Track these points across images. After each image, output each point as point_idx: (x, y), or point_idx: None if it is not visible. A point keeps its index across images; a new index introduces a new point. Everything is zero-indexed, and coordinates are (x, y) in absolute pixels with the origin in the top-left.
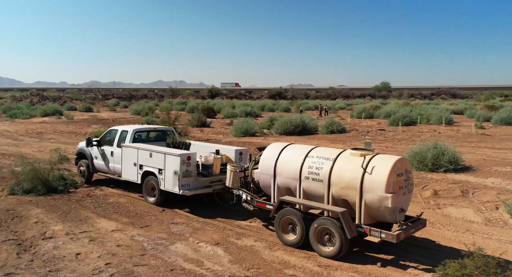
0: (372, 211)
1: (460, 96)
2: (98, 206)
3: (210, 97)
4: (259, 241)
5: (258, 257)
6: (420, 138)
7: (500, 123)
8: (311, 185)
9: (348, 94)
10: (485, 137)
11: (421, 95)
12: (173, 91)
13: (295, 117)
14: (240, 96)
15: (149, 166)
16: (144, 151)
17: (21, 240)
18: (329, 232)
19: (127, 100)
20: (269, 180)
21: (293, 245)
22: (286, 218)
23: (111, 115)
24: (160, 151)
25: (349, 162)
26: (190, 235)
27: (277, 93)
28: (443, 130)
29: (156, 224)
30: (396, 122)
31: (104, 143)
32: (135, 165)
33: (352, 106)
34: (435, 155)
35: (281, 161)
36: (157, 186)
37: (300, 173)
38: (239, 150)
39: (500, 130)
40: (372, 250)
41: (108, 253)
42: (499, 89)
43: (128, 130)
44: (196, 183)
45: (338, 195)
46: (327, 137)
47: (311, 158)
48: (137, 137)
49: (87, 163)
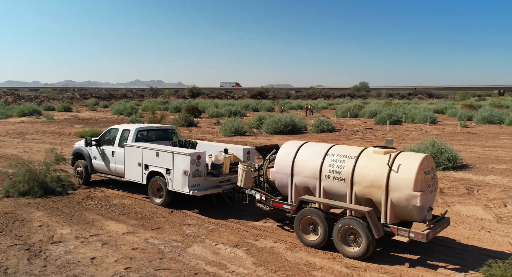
0: (398, 210)
1: (436, 96)
2: (102, 208)
3: (191, 96)
4: (278, 242)
5: (281, 259)
6: (409, 136)
7: (482, 122)
8: (332, 184)
9: (328, 94)
10: (471, 135)
11: (399, 95)
12: (153, 90)
13: (284, 116)
14: (221, 96)
15: (156, 166)
16: (150, 150)
17: (29, 244)
18: (354, 232)
19: (106, 99)
20: (286, 179)
21: (315, 246)
22: (307, 218)
23: (92, 115)
24: (168, 151)
25: (372, 160)
26: (205, 237)
27: (259, 93)
28: (429, 129)
29: (168, 226)
30: (382, 121)
31: (103, 143)
32: (139, 165)
33: (333, 105)
34: (434, 153)
35: (299, 160)
36: (164, 187)
37: (320, 172)
38: (247, 149)
39: (483, 129)
40: (395, 250)
41: (125, 257)
42: (471, 90)
43: (130, 129)
44: (206, 183)
45: (362, 194)
46: (318, 136)
47: (331, 157)
48: (140, 136)
49: (85, 164)
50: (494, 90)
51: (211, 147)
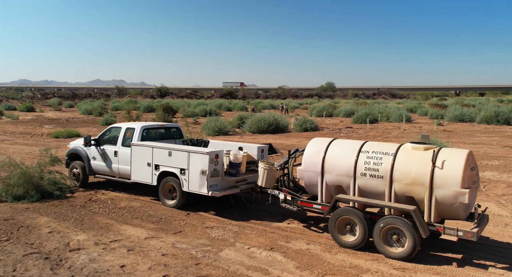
0: (443, 208)
1: (398, 96)
2: (111, 211)
3: (159, 96)
4: (311, 243)
5: (324, 262)
6: (391, 135)
7: (454, 120)
8: (369, 182)
9: (297, 94)
10: (449, 133)
11: (364, 95)
12: (119, 90)
13: (267, 115)
14: (190, 95)
15: (168, 166)
16: (161, 149)
17: (45, 253)
18: (397, 232)
19: (70, 99)
20: (315, 178)
21: (353, 247)
22: (344, 218)
23: (58, 115)
24: (183, 149)
25: (412, 157)
26: (234, 240)
27: (228, 93)
28: (406, 127)
29: (190, 229)
30: (360, 120)
31: (104, 142)
32: (149, 165)
33: (304, 105)
34: None
35: (330, 157)
36: (178, 188)
37: (355, 169)
38: (261, 147)
39: (457, 127)
40: (434, 249)
41: (159, 264)
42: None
43: (135, 127)
44: (224, 183)
45: (402, 192)
46: (302, 135)
47: (366, 153)
48: (145, 135)
49: (82, 165)
50: (451, 90)
51: (223, 146)
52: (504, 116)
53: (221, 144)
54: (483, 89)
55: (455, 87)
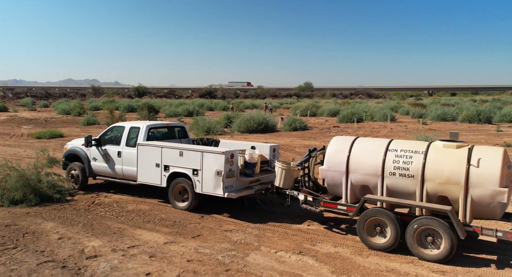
0: (479, 207)
1: (375, 96)
2: (119, 215)
3: (137, 95)
4: (339, 246)
5: (358, 266)
6: (379, 134)
7: (437, 119)
8: (398, 182)
9: (276, 93)
10: (434, 132)
11: (342, 95)
12: (95, 89)
13: (256, 114)
14: (169, 95)
15: (179, 167)
16: (171, 149)
17: (60, 261)
18: (432, 233)
19: (44, 98)
20: (339, 178)
21: (384, 249)
22: (373, 220)
23: (35, 115)
24: (196, 149)
25: (445, 155)
26: (258, 243)
27: (207, 92)
28: (391, 126)
29: (208, 233)
30: (346, 119)
31: (105, 143)
32: (157, 166)
33: (284, 105)
34: None
35: (355, 156)
36: (190, 189)
37: (383, 168)
38: (273, 146)
39: (441, 126)
40: (466, 250)
41: (187, 271)
42: (403, 90)
43: (140, 126)
44: (238, 184)
45: (435, 192)
46: (293, 134)
47: (394, 152)
48: (151, 135)
49: (82, 167)
50: (424, 90)
51: (234, 146)
52: (486, 115)
53: (232, 143)
54: (454, 89)
55: (427, 87)
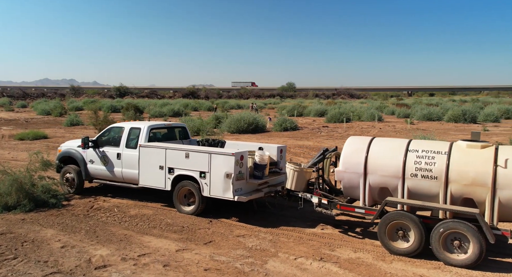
0: (507, 210)
1: (356, 96)
2: (122, 221)
3: (118, 96)
4: (359, 251)
5: (385, 273)
6: (369, 133)
7: (423, 119)
8: (420, 183)
9: (259, 94)
10: (423, 131)
11: (324, 95)
12: (75, 89)
13: (246, 114)
14: (151, 95)
15: (185, 169)
16: (176, 151)
17: (67, 272)
18: (459, 237)
19: (21, 98)
20: (356, 180)
21: (407, 254)
22: (395, 223)
23: (13, 116)
24: (204, 151)
25: (469, 155)
26: (275, 249)
27: (190, 93)
28: (380, 126)
29: (220, 239)
30: (334, 119)
31: (103, 144)
32: (161, 168)
33: (269, 105)
34: None
35: (374, 157)
36: (197, 193)
37: (404, 170)
38: (280, 147)
39: (428, 125)
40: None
41: None
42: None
43: (141, 127)
44: (248, 187)
45: (460, 194)
46: (284, 135)
47: (415, 153)
48: (152, 136)
49: (77, 169)
50: (403, 91)
51: (241, 146)
52: (471, 115)
53: (238, 144)
54: (432, 90)
55: (407, 88)
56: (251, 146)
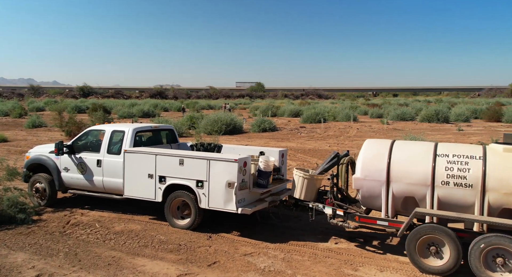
0: None
1: (324, 97)
2: (107, 238)
3: (82, 96)
4: (386, 270)
5: None
6: (349, 133)
7: (396, 119)
8: (452, 192)
9: (228, 94)
10: (400, 131)
11: (293, 95)
12: (34, 89)
13: (224, 115)
14: (117, 95)
15: (179, 178)
16: (168, 157)
17: None
18: (502, 254)
19: None
20: (378, 188)
21: (441, 273)
22: (427, 238)
23: None
24: (201, 157)
25: (508, 160)
26: (292, 271)
27: (158, 93)
28: (357, 126)
29: (226, 259)
30: (310, 120)
31: (80, 149)
32: (151, 177)
33: (240, 105)
34: None
35: (398, 163)
36: (193, 205)
37: (433, 177)
38: (282, 151)
39: (403, 125)
40: None
41: None
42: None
43: (125, 130)
44: (251, 197)
45: (499, 204)
46: (263, 136)
47: (445, 157)
48: (138, 140)
49: (49, 179)
50: (368, 91)
51: (236, 151)
52: (443, 115)
53: (234, 148)
54: (395, 90)
55: (371, 88)
56: (250, 150)
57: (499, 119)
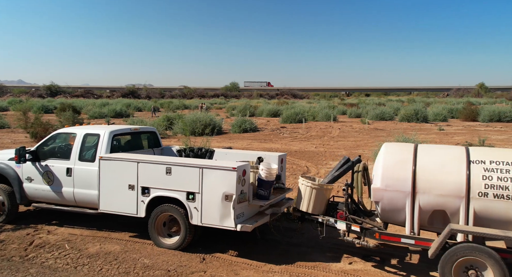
0: None
1: (299, 96)
2: (79, 264)
3: (49, 95)
4: None
5: None
6: (332, 134)
7: (376, 119)
8: (493, 205)
9: (203, 93)
10: (382, 131)
11: (268, 95)
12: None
13: (202, 115)
14: (86, 94)
15: (166, 189)
16: (153, 165)
17: None
18: None
19: None
20: (401, 200)
21: None
22: (465, 260)
23: None
24: (192, 164)
25: None
26: None
27: (130, 92)
28: (337, 126)
29: None
30: (290, 120)
31: (46, 156)
32: (131, 188)
33: (216, 105)
34: None
35: (424, 171)
36: (182, 221)
37: (468, 187)
38: (281, 156)
39: (383, 125)
40: None
41: None
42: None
43: (100, 133)
44: (250, 210)
45: None
46: (245, 137)
47: (481, 164)
48: (116, 144)
49: (9, 190)
50: (341, 91)
51: (228, 156)
52: (423, 114)
53: (226, 153)
54: (367, 90)
55: (344, 88)
56: (246, 156)
57: (475, 118)
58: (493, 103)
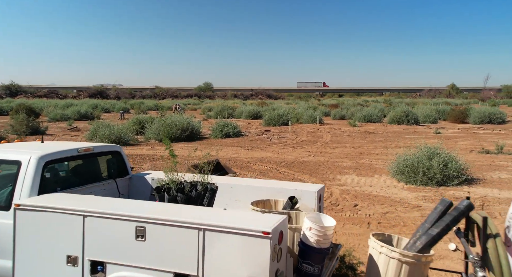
0: None
1: (274, 97)
2: None
3: (9, 95)
4: None
5: None
6: (324, 138)
7: (363, 121)
8: None
9: (176, 94)
10: (375, 135)
11: (242, 96)
12: None
13: (179, 118)
14: (50, 94)
15: (135, 267)
16: (112, 220)
17: None
18: None
19: None
20: None
21: None
22: None
23: None
24: (186, 222)
25: None
26: None
27: (98, 92)
28: (325, 128)
29: None
30: (273, 122)
31: None
32: (72, 262)
33: (190, 105)
34: (441, 163)
35: None
36: None
37: None
38: (319, 190)
39: (373, 127)
40: None
41: None
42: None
43: (21, 160)
44: None
45: None
46: (228, 142)
47: None
48: (49, 178)
49: None
50: (315, 92)
51: (239, 193)
52: (413, 116)
53: (234, 186)
54: (340, 91)
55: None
56: (262, 190)
57: (465, 120)
58: (468, 104)
